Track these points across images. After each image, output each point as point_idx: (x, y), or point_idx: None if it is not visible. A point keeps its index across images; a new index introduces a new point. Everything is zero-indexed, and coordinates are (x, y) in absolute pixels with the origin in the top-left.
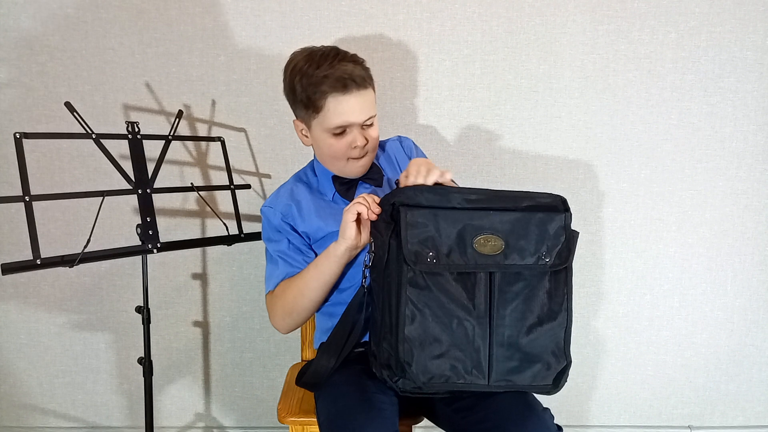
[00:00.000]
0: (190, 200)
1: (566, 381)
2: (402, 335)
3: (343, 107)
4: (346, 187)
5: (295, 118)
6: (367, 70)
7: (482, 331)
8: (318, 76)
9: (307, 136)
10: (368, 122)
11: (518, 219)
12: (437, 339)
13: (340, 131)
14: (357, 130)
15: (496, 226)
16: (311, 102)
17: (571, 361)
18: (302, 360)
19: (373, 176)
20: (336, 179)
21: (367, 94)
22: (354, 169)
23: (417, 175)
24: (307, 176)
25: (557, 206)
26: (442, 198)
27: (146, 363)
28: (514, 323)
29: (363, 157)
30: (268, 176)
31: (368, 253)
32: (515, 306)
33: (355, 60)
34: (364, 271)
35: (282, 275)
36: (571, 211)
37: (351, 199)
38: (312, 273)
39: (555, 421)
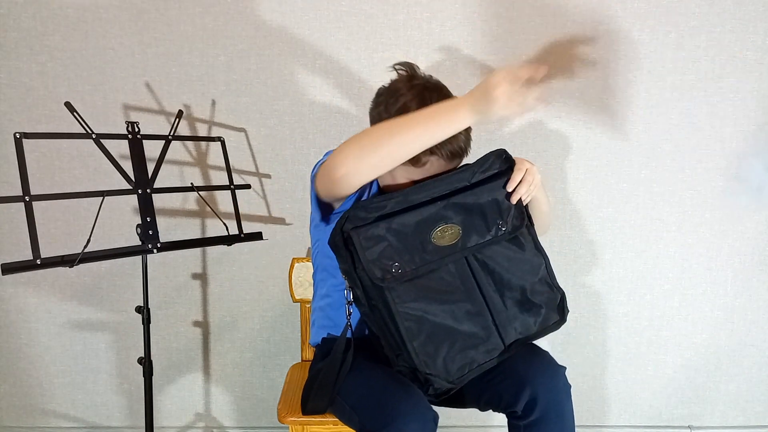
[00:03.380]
0: (190, 200)
1: (569, 311)
2: (412, 350)
3: (438, 169)
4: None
5: None
6: (470, 137)
7: (480, 307)
8: None
9: None
10: None
11: (468, 201)
12: (446, 337)
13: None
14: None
15: (448, 214)
16: None
17: (564, 292)
18: (302, 360)
19: None
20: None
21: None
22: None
23: (528, 185)
24: None
25: (502, 170)
26: (387, 204)
27: (146, 363)
28: (504, 288)
29: None
30: (268, 176)
31: (346, 289)
32: (498, 273)
33: (468, 128)
34: (348, 307)
35: None
36: (514, 158)
37: None
38: (419, 119)
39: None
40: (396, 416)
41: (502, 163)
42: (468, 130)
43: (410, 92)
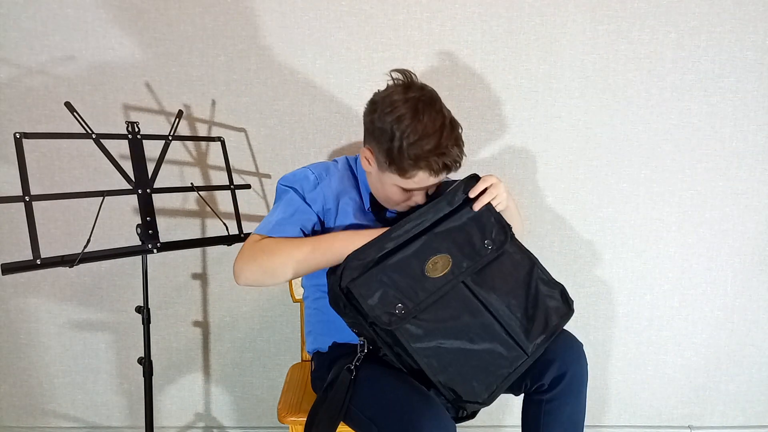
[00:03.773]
0: (190, 200)
1: (573, 301)
2: (438, 383)
3: (426, 182)
4: (379, 207)
5: (365, 146)
6: (463, 150)
7: (490, 322)
8: (423, 150)
9: (370, 165)
10: None
11: (451, 228)
12: (466, 361)
13: (409, 190)
14: (421, 192)
15: (436, 245)
16: (401, 165)
17: (562, 285)
18: (302, 360)
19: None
20: (372, 199)
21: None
22: (395, 207)
23: (491, 196)
24: (356, 171)
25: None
26: (379, 248)
27: (146, 363)
28: (507, 299)
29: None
30: (268, 176)
31: (360, 343)
32: (499, 287)
33: (458, 141)
34: (358, 356)
35: (287, 233)
36: (478, 175)
37: (381, 219)
38: (308, 252)
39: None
40: (419, 428)
41: (468, 186)
42: (459, 141)
43: (405, 105)
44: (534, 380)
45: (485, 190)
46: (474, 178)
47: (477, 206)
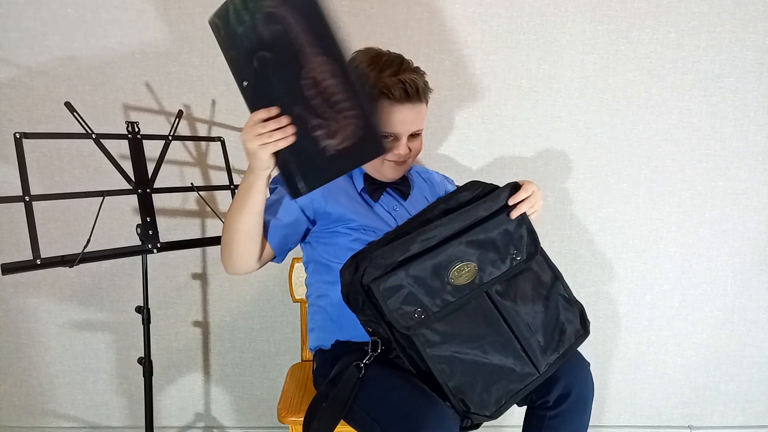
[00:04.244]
0: (190, 200)
1: (590, 322)
2: (447, 390)
3: (396, 116)
4: (374, 188)
5: None
6: (427, 83)
7: (507, 337)
8: (381, 79)
9: None
10: (415, 133)
11: (481, 237)
12: (478, 372)
13: (386, 137)
14: (402, 140)
15: (463, 252)
16: None
17: (581, 304)
18: (302, 360)
19: (402, 187)
20: (367, 178)
21: (420, 108)
22: (388, 172)
23: (530, 205)
24: None
25: (508, 201)
26: (403, 249)
27: (146, 363)
28: (527, 314)
29: (400, 163)
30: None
31: (372, 341)
32: (520, 301)
33: (418, 71)
34: (370, 355)
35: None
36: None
37: (376, 200)
38: (234, 201)
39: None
40: (424, 430)
41: (510, 194)
42: (419, 71)
43: (365, 56)
44: (539, 395)
45: (524, 198)
46: (515, 187)
47: (515, 214)
